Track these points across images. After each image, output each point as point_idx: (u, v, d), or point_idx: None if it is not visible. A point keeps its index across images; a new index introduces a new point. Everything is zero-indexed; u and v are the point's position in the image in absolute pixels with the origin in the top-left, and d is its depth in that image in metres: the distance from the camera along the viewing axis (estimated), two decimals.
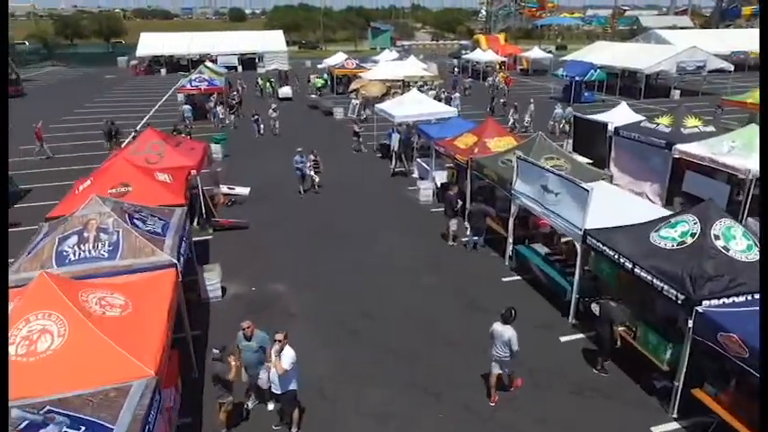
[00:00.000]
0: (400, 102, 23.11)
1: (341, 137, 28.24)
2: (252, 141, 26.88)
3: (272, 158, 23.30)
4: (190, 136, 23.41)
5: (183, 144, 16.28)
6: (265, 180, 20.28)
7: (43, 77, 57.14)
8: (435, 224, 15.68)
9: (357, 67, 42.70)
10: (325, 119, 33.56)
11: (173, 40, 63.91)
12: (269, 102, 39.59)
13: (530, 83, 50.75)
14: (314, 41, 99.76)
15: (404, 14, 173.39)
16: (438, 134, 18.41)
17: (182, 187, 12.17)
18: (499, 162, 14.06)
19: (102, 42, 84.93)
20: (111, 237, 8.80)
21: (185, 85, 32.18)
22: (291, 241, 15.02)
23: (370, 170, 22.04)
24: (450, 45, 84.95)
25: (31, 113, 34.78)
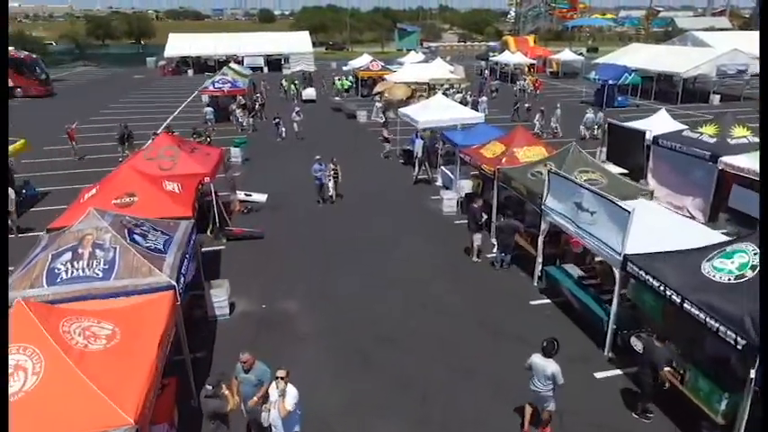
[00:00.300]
0: (425, 106, 22.25)
1: (363, 141, 27.54)
2: (273, 145, 26.29)
3: (292, 163, 22.68)
4: (209, 139, 22.99)
5: (199, 150, 15.72)
6: (284, 186, 19.65)
7: (74, 77, 57.98)
8: (459, 237, 14.77)
9: (382, 69, 41.97)
10: (348, 122, 32.90)
11: (200, 40, 64.26)
12: (292, 104, 39.26)
13: (559, 86, 49.28)
14: (341, 43, 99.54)
15: (431, 15, 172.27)
16: (463, 141, 17.49)
17: (190, 198, 11.55)
18: (529, 174, 13.09)
19: (132, 43, 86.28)
20: (106, 254, 8.19)
21: (208, 86, 31.89)
22: (306, 254, 14.28)
23: (392, 177, 21.23)
24: (478, 47, 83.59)
25: (59, 113, 35.08)
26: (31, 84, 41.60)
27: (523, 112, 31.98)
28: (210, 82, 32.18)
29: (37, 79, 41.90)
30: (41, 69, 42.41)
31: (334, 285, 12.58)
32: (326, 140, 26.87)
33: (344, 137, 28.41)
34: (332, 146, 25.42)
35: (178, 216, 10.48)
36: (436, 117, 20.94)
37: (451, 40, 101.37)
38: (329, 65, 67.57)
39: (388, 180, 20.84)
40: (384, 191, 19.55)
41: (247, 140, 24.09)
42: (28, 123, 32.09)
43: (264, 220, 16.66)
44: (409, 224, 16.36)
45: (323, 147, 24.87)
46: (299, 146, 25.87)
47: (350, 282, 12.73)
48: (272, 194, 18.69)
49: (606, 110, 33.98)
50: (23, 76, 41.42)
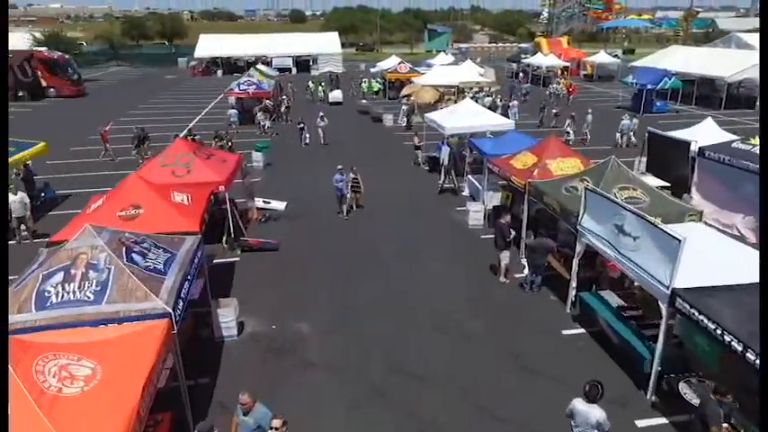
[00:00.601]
0: (452, 111, 21.31)
1: (389, 146, 26.74)
2: (296, 150, 25.62)
3: (315, 170, 21.98)
4: (231, 143, 22.52)
5: (215, 156, 15.17)
6: (305, 194, 18.99)
7: (107, 77, 58.83)
8: (485, 254, 13.84)
9: (410, 71, 41.09)
10: (373, 126, 32.15)
11: (230, 41, 64.52)
12: (318, 106, 38.80)
13: (594, 89, 47.60)
14: (370, 43, 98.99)
15: (462, 16, 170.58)
16: (492, 150, 16.51)
17: (199, 210, 10.93)
18: (563, 189, 12.08)
19: (160, 43, 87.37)
20: (100, 275, 7.58)
21: (233, 88, 31.58)
22: (323, 270, 13.50)
23: (416, 185, 20.34)
24: (510, 48, 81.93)
25: (88, 114, 35.40)
26: (64, 84, 42.15)
27: (550, 118, 30.70)
28: (236, 83, 31.87)
29: (69, 79, 42.44)
30: (73, 70, 42.96)
31: (351, 306, 11.78)
32: (351, 146, 26.18)
33: (370, 142, 27.67)
34: (356, 152, 24.79)
35: (184, 231, 9.86)
36: (464, 123, 20.00)
37: (482, 42, 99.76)
38: (358, 66, 66.98)
39: (412, 189, 19.97)
40: (408, 200, 18.68)
41: (269, 145, 23.53)
42: (57, 123, 32.41)
43: (282, 230, 16.01)
44: (432, 238, 15.47)
45: (347, 153, 24.39)
46: (322, 152, 25.17)
47: (367, 303, 11.90)
48: (292, 202, 18.04)
49: (644, 115, 32.45)
50: (56, 76, 42.00)
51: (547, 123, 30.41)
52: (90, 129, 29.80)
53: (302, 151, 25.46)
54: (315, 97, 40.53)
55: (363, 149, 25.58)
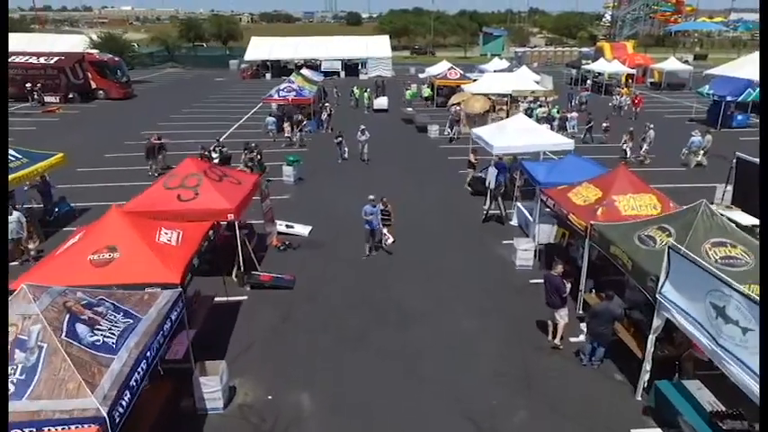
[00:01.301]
0: (501, 128, 18.93)
1: (431, 162, 24.57)
2: (332, 165, 23.67)
3: (349, 189, 20.02)
4: (260, 156, 21.00)
5: (229, 177, 13.53)
6: (334, 217, 17.14)
7: (159, 79, 59.41)
8: (535, 307, 11.52)
9: (460, 77, 38.73)
10: (417, 137, 30.05)
11: (280, 44, 63.98)
12: (362, 113, 37.10)
13: (662, 100, 43.69)
14: (424, 47, 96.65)
15: (520, 19, 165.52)
16: (547, 178, 14.13)
17: (188, 253, 9.18)
18: (635, 239, 9.65)
19: (220, 45, 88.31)
20: (28, 358, 5.92)
21: (272, 94, 30.27)
22: (337, 323, 11.38)
23: (458, 211, 18.11)
24: (569, 52, 77.79)
25: (131, 117, 35.13)
26: (112, 86, 42.31)
27: (598, 132, 27.65)
28: (275, 90, 30.53)
29: (118, 82, 42.57)
30: (122, 72, 43.09)
31: (360, 380, 9.57)
32: (391, 161, 24.19)
33: (411, 157, 25.58)
34: (395, 168, 22.87)
35: (163, 282, 8.16)
36: (515, 142, 17.64)
37: (541, 45, 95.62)
38: (408, 70, 65.05)
39: (452, 214, 17.75)
40: (446, 230, 16.47)
41: (301, 158, 21.84)
42: (98, 127, 32.09)
43: (301, 262, 14.21)
44: (470, 281, 13.22)
45: (385, 170, 22.50)
46: (360, 168, 23.20)
47: (381, 377, 9.68)
48: (319, 226, 16.32)
49: (722, 131, 28.94)
50: (106, 78, 42.20)
51: (597, 139, 27.37)
52: (129, 134, 29.29)
53: (338, 167, 23.51)
54: (360, 104, 38.85)
55: (403, 166, 23.57)
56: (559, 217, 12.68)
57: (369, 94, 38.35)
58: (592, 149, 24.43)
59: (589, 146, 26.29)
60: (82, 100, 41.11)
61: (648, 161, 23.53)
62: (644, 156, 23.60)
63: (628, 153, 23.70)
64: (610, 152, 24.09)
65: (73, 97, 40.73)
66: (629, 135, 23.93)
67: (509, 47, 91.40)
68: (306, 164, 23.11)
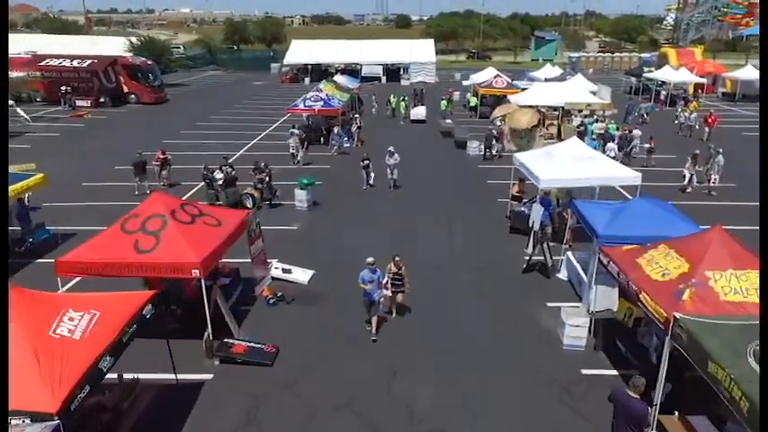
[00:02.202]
0: (550, 154, 15.66)
1: (469, 186, 21.50)
2: (355, 192, 20.51)
3: (369, 224, 17.24)
4: (269, 178, 18.55)
5: (205, 217, 10.99)
6: (343, 261, 14.28)
7: (197, 83, 58.50)
8: (588, 418, 8.38)
9: (507, 86, 35.38)
10: (455, 154, 26.95)
11: (321, 47, 62.03)
12: (399, 123, 34.33)
13: (738, 113, 38.88)
14: (480, 50, 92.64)
15: (575, 22, 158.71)
16: (608, 229, 10.88)
17: (95, 351, 6.55)
18: (749, 354, 6.42)
19: (265, 48, 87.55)
20: None
21: (298, 104, 27.89)
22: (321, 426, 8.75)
23: (493, 256, 14.94)
24: (628, 58, 72.48)
25: (155, 124, 33.63)
26: (144, 90, 41.20)
27: (641, 154, 23.77)
28: (302, 99, 28.14)
29: (150, 86, 41.42)
30: (155, 76, 41.88)
31: None
32: (423, 185, 21.27)
33: (446, 179, 22.57)
34: (427, 197, 19.88)
35: (33, 410, 5.57)
36: (566, 173, 14.41)
37: (597, 50, 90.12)
38: (452, 76, 61.81)
39: (485, 263, 14.61)
40: (476, 286, 13.31)
41: (315, 180, 19.18)
42: (120, 134, 30.56)
43: (291, 324, 11.53)
44: (502, 367, 10.11)
45: (415, 199, 19.58)
46: (385, 197, 20.12)
47: None
48: (323, 272, 13.62)
49: None
50: (138, 82, 41.12)
51: (634, 161, 23.54)
52: (149, 143, 27.49)
53: (361, 195, 20.39)
54: (397, 113, 36.07)
55: (433, 193, 20.56)
56: (625, 290, 9.45)
57: (406, 102, 35.47)
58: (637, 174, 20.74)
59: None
60: (113, 104, 40.12)
61: (716, 192, 19.74)
62: (711, 185, 19.83)
63: (692, 181, 19.98)
64: (656, 178, 20.27)
65: (104, 101, 39.80)
66: (693, 159, 20.12)
67: (562, 51, 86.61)
68: (325, 185, 20.55)
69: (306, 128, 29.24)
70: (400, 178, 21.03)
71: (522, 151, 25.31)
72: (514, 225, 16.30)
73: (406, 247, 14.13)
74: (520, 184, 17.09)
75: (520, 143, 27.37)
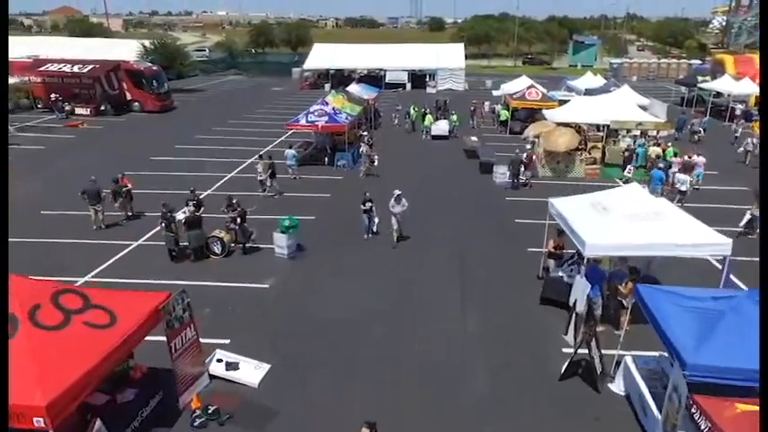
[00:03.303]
0: (601, 207, 11.60)
1: (492, 227, 17.53)
2: (350, 240, 16.25)
3: (357, 289, 13.50)
4: (240, 218, 15.03)
5: (88, 313, 7.48)
6: (318, 347, 10.77)
7: (214, 88, 55.84)
8: None
9: (542, 99, 31.18)
10: (479, 180, 22.96)
11: (344, 51, 58.61)
12: (420, 138, 30.59)
13: None
14: (535, 55, 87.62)
15: (615, 25, 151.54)
16: (698, 355, 6.89)
17: None
18: None
19: (290, 51, 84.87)
20: None
21: (299, 119, 24.39)
22: None
23: (519, 343, 11.05)
24: (676, 65, 66.77)
25: (152, 137, 30.68)
26: (148, 98, 38.46)
27: None
28: (303, 114, 24.63)
29: (154, 93, 38.65)
30: (159, 82, 39.04)
31: None
32: (436, 228, 17.34)
33: (466, 216, 18.67)
34: (439, 247, 15.96)
35: None
36: (623, 236, 10.39)
37: (641, 56, 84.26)
38: (483, 83, 57.60)
39: (510, 352, 10.76)
40: (495, 400, 9.50)
41: (299, 223, 15.51)
42: (108, 149, 27.51)
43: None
44: None
45: (422, 253, 15.48)
46: (386, 252, 15.65)
47: None
48: (284, 365, 10.04)
49: None
50: (142, 89, 38.42)
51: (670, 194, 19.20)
52: (135, 161, 24.60)
53: (357, 245, 16.00)
54: (417, 127, 32.30)
55: (448, 239, 16.65)
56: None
57: (429, 116, 31.60)
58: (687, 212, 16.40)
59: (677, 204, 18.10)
60: (116, 112, 37.51)
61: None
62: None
63: (748, 222, 15.72)
64: (705, 216, 16.03)
65: (105, 109, 37.21)
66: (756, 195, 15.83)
67: (602, 57, 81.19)
68: (318, 223, 17.01)
69: (308, 145, 25.85)
70: (412, 209, 17.15)
71: (559, 178, 21.32)
72: (549, 295, 12.33)
73: (404, 326, 10.47)
74: (557, 238, 13.10)
75: (556, 169, 23.28)
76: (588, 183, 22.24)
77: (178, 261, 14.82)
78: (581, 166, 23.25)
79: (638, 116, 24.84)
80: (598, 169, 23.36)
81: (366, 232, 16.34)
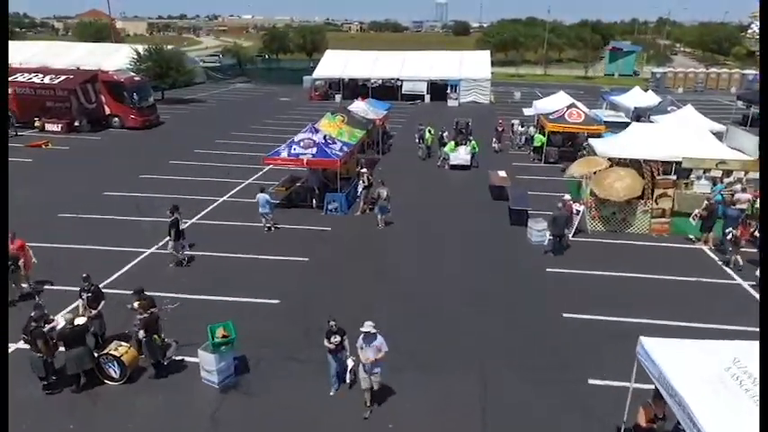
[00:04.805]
0: (734, 378, 6.12)
1: (529, 338, 11.89)
2: (320, 375, 10.20)
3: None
4: (146, 336, 9.93)
5: None
6: None
7: (216, 98, 51.25)
8: None
9: (586, 120, 25.54)
10: (509, 236, 17.46)
11: (357, 59, 53.65)
12: (435, 166, 25.32)
13: None
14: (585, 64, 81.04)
15: (648, 30, 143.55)
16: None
17: None
18: None
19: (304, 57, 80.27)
20: None
21: (280, 150, 19.23)
22: None
23: None
24: (727, 75, 59.95)
25: (118, 162, 25.86)
26: (129, 112, 33.84)
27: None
28: (286, 144, 19.48)
29: (137, 107, 34.01)
30: (141, 95, 34.28)
31: None
32: (439, 347, 11.86)
33: (491, 307, 13.27)
34: (440, 389, 10.35)
35: None
36: None
37: (685, 65, 77.28)
38: (511, 94, 51.97)
39: None
40: None
41: (233, 337, 10.15)
42: (59, 180, 22.49)
43: None
44: None
45: (407, 411, 9.32)
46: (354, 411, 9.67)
47: None
48: None
49: None
50: (122, 103, 33.82)
51: None
52: (81, 199, 19.81)
53: (324, 398, 9.89)
54: (433, 153, 26.99)
55: (461, 359, 11.35)
56: None
57: (449, 142, 26.16)
58: None
59: None
60: (92, 128, 33.06)
61: None
62: None
63: None
64: None
65: (80, 125, 32.75)
66: None
67: (640, 65, 74.65)
68: (279, 318, 11.87)
69: (293, 181, 20.75)
70: (411, 282, 11.80)
71: (614, 234, 15.89)
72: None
73: None
74: (654, 404, 7.63)
75: (610, 221, 17.74)
76: (653, 242, 16.80)
77: (53, 392, 9.80)
78: (644, 218, 17.65)
79: (719, 151, 19.10)
80: (667, 224, 17.73)
81: (333, 383, 9.98)
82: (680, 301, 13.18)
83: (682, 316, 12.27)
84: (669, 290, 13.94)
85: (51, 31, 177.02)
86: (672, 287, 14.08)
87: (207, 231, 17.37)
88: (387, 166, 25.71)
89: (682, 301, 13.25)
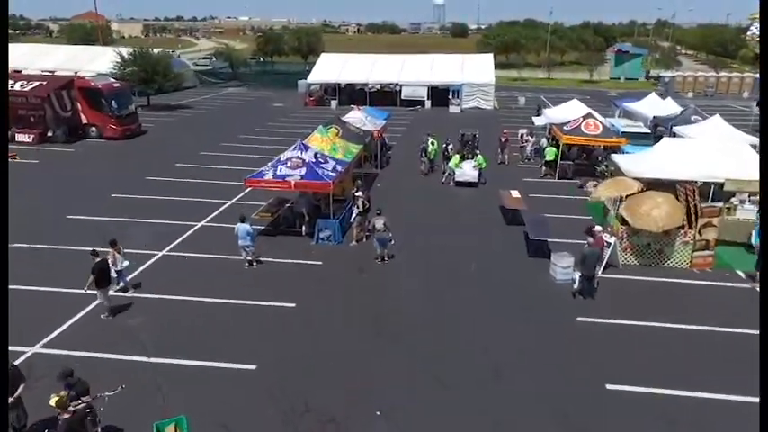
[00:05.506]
0: None
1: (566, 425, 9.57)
2: None
3: None
4: (86, 415, 7.49)
5: None
6: None
7: (206, 103, 48.78)
8: None
9: (605, 132, 23.20)
10: (530, 271, 15.06)
11: (353, 63, 51.27)
12: (439, 183, 22.95)
13: None
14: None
15: (646, 31, 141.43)
16: None
17: None
18: None
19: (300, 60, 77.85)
20: None
21: (264, 171, 16.79)
22: None
23: None
24: (739, 79, 57.74)
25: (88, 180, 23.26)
26: (108, 121, 31.39)
27: None
28: (271, 163, 17.04)
29: (116, 116, 31.54)
30: (120, 103, 31.76)
31: None
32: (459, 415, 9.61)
33: (514, 378, 10.90)
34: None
35: None
36: None
37: (693, 68, 75.03)
38: (515, 99, 49.66)
39: None
40: None
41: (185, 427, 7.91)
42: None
43: None
44: None
45: None
46: None
47: None
48: None
49: None
50: (100, 111, 31.38)
51: None
52: (37, 225, 17.23)
53: None
54: (436, 167, 24.62)
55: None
56: None
57: (454, 155, 23.75)
58: None
59: None
60: (68, 139, 30.60)
61: None
62: None
63: None
64: None
65: (54, 136, 30.29)
66: None
67: (645, 68, 72.48)
68: (254, 389, 9.46)
69: (280, 204, 18.36)
70: (416, 342, 9.48)
71: (650, 268, 13.74)
72: None
73: None
74: None
75: (645, 253, 15.36)
76: (697, 280, 14.48)
77: None
78: (684, 250, 15.28)
79: (750, 172, 16.75)
80: (711, 257, 15.37)
81: None
82: (744, 368, 10.74)
83: (749, 388, 9.82)
84: (729, 348, 11.55)
85: (46, 33, 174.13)
86: (731, 344, 11.69)
87: (177, 267, 14.96)
88: (386, 183, 23.35)
89: (746, 366, 10.81)
